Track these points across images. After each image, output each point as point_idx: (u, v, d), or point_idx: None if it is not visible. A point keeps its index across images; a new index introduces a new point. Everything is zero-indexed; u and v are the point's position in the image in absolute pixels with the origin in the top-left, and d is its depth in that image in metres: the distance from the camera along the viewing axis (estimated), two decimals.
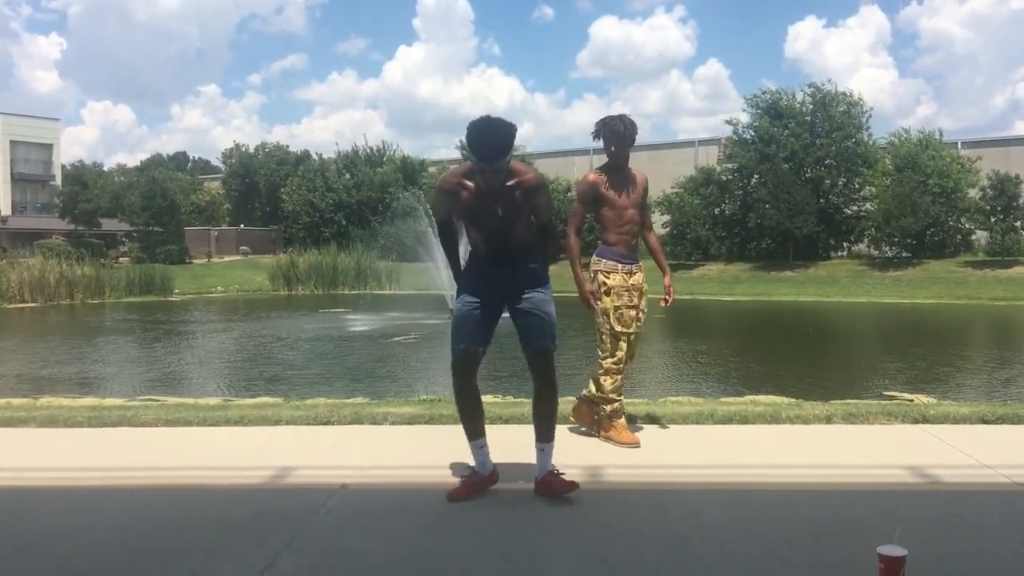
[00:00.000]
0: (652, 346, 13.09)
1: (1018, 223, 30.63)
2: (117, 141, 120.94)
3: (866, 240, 34.73)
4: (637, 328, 4.24)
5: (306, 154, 52.49)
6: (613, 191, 4.18)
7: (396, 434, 4.43)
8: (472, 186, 3.19)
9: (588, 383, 4.29)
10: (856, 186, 35.16)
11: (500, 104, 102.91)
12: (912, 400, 6.86)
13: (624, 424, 4.18)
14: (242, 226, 50.01)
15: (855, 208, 35.35)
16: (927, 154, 32.14)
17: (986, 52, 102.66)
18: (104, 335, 18.07)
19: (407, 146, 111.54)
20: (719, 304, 26.47)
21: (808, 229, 33.16)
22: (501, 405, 5.06)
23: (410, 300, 22.98)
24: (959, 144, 37.22)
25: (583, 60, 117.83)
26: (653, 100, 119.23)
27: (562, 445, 3.50)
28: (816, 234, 33.99)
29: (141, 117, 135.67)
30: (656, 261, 4.50)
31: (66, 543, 2.88)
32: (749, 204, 35.18)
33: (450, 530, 3.00)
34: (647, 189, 4.37)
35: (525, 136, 47.87)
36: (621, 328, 4.15)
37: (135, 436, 4.53)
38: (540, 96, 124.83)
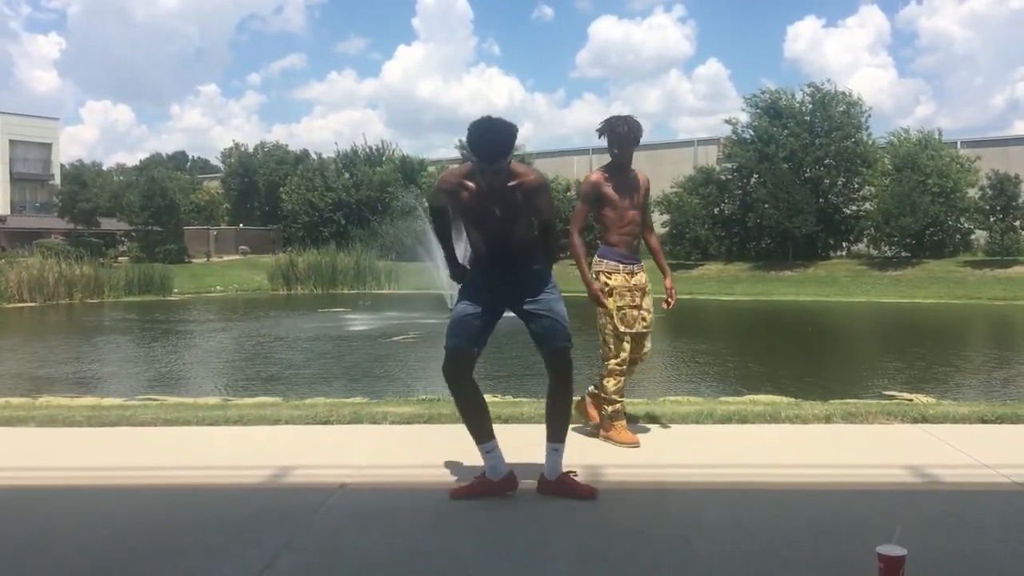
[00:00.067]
0: (652, 346, 13.04)
1: (1017, 223, 30.69)
2: (116, 141, 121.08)
3: (865, 240, 34.79)
4: (644, 327, 4.26)
5: (305, 154, 52.57)
6: (615, 191, 4.19)
7: (395, 433, 4.43)
8: (472, 186, 3.17)
9: (598, 380, 4.29)
10: (855, 186, 35.21)
11: (499, 104, 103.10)
12: (911, 400, 6.86)
13: (624, 424, 4.19)
14: (241, 226, 50.02)
15: (854, 208, 35.39)
16: (926, 154, 32.18)
17: (985, 52, 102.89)
18: (103, 334, 18.06)
19: (406, 146, 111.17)
20: (718, 304, 26.49)
21: (807, 229, 33.19)
22: (501, 405, 5.05)
23: (409, 299, 23.00)
24: (958, 144, 37.31)
25: (582, 60, 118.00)
26: (652, 100, 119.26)
27: None
28: (815, 234, 34.02)
29: (140, 117, 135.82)
30: (657, 262, 4.53)
31: (65, 542, 2.88)
32: (748, 204, 35.21)
33: (449, 530, 3.00)
34: (649, 190, 4.39)
35: (525, 136, 47.84)
36: (624, 328, 4.17)
37: (134, 435, 4.52)
38: (539, 96, 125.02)
